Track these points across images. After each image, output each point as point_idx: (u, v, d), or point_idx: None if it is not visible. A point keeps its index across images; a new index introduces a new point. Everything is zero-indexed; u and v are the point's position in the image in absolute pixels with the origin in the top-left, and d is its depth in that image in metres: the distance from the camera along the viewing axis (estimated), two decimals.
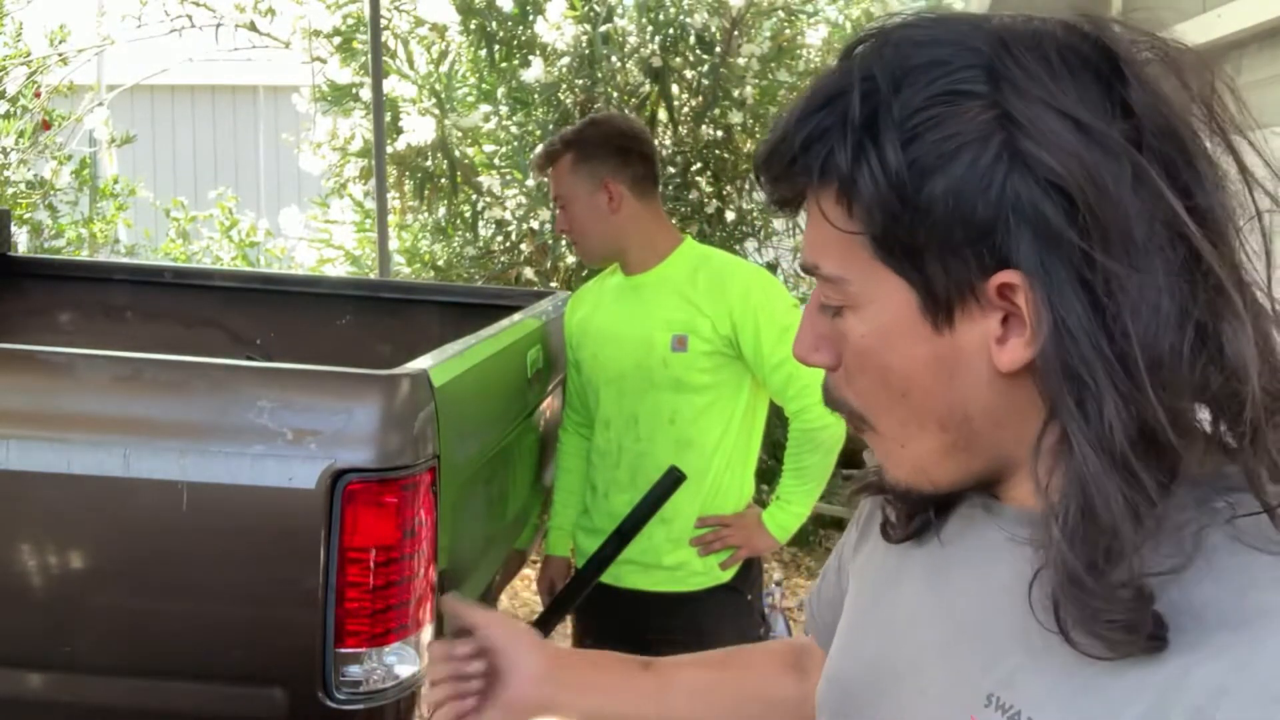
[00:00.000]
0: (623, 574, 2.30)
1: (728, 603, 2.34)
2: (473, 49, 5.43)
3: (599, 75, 5.11)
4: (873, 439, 0.75)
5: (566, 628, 3.09)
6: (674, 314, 2.25)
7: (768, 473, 3.53)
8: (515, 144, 5.23)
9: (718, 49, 5.24)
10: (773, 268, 5.22)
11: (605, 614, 2.37)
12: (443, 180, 5.25)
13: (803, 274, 0.74)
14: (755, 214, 5.46)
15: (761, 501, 2.40)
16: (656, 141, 5.42)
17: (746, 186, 5.49)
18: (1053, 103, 0.63)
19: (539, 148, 2.51)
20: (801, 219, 0.75)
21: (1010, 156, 0.63)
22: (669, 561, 2.29)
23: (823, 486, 2.32)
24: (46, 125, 6.00)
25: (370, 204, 5.29)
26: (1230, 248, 0.64)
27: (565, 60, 5.09)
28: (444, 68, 5.38)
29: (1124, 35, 0.65)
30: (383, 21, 4.81)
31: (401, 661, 1.66)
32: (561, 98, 5.19)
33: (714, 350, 2.23)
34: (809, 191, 0.70)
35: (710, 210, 5.33)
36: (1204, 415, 0.65)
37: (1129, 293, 0.61)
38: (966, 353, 0.68)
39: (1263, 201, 0.65)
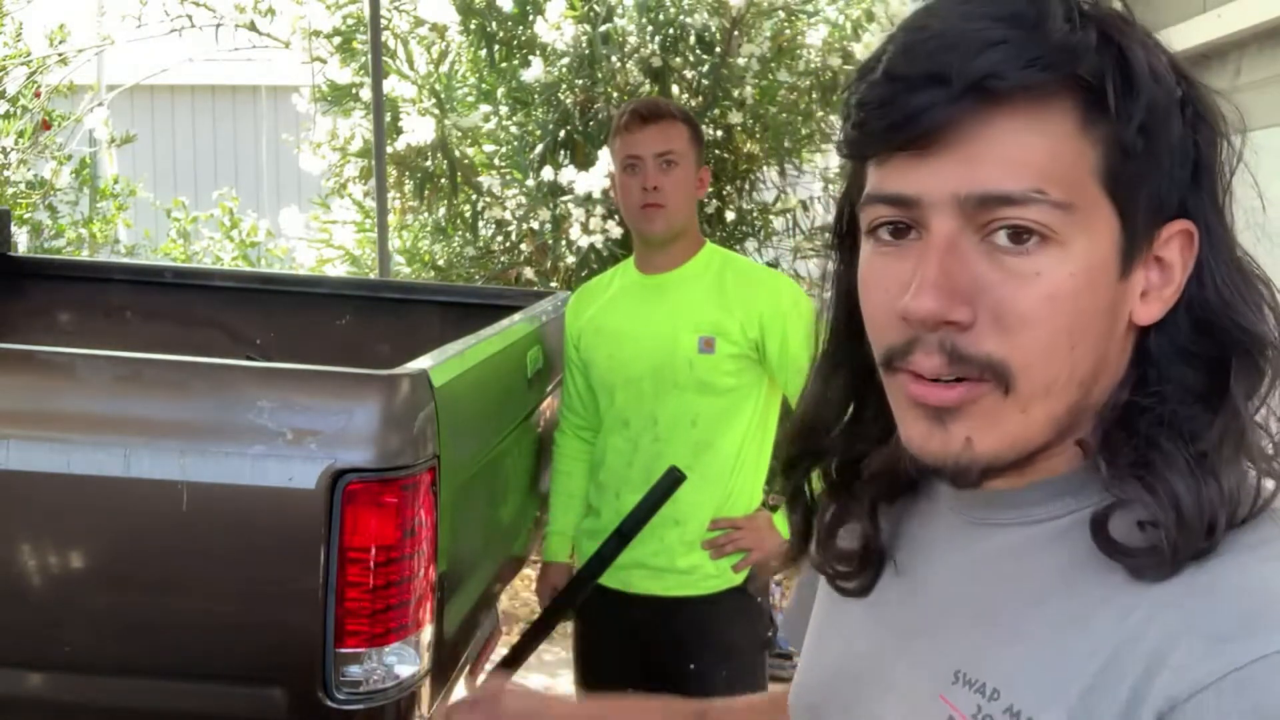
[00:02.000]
0: (633, 579, 2.30)
1: (740, 605, 2.34)
2: (473, 49, 5.43)
3: (599, 75, 5.11)
4: (986, 402, 0.66)
5: (565, 628, 3.08)
6: (702, 315, 2.24)
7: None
8: (515, 144, 5.22)
9: (718, 49, 5.23)
10: (773, 266, 5.22)
11: (611, 619, 2.36)
12: (443, 180, 5.25)
13: (986, 204, 0.64)
14: (755, 214, 5.46)
15: (766, 504, 2.40)
16: None
17: (746, 186, 5.49)
18: (1185, 73, 0.67)
19: (646, 100, 2.48)
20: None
21: (1195, 109, 0.66)
22: (682, 565, 2.28)
23: None
24: (46, 125, 6.00)
25: (370, 204, 5.29)
26: None
27: (565, 60, 5.08)
28: (444, 68, 5.38)
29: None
30: (383, 21, 4.81)
31: (401, 661, 1.66)
32: (561, 98, 5.19)
33: (740, 353, 2.23)
34: (1028, 98, 0.63)
35: (710, 210, 5.33)
36: None
37: (1231, 244, 0.67)
38: (1125, 303, 0.66)
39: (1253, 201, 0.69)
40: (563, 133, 5.22)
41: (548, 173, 4.91)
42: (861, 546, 0.79)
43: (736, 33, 5.20)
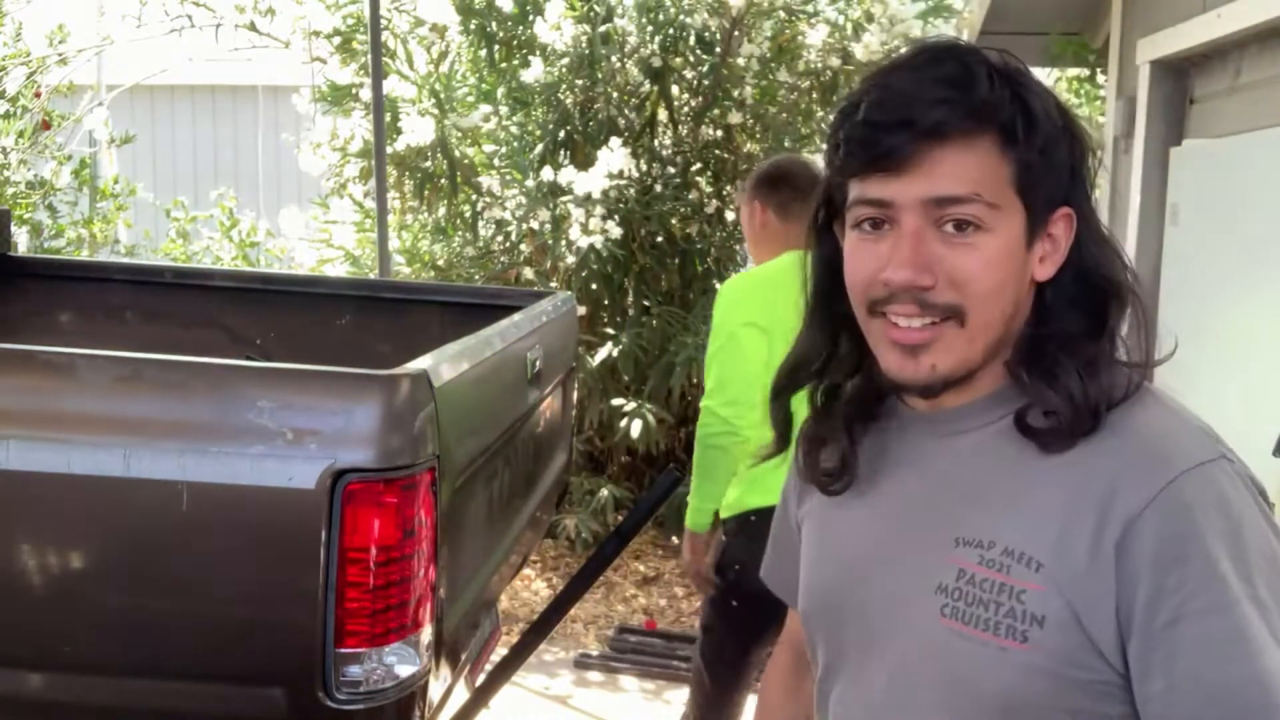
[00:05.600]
0: None
1: None
2: (473, 49, 5.43)
3: (599, 75, 5.11)
4: (947, 336, 0.96)
5: (565, 627, 3.09)
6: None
7: None
8: (515, 144, 5.22)
9: (718, 49, 5.24)
10: None
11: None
12: (443, 180, 5.25)
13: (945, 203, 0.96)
14: None
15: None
16: (656, 142, 5.43)
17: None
18: (1064, 109, 0.99)
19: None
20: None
21: (1071, 133, 0.98)
22: None
23: (712, 482, 2.51)
24: (46, 125, 5.99)
25: (370, 204, 5.29)
26: None
27: (565, 60, 5.08)
28: (444, 68, 5.38)
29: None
30: (383, 21, 4.81)
31: (401, 661, 1.66)
32: (561, 98, 5.19)
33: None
34: (964, 135, 0.93)
35: (710, 210, 5.33)
36: None
37: (1098, 222, 1.01)
38: (1029, 266, 0.98)
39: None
40: (562, 133, 5.22)
41: (547, 173, 4.91)
42: (840, 457, 1.07)
43: (736, 33, 5.20)
